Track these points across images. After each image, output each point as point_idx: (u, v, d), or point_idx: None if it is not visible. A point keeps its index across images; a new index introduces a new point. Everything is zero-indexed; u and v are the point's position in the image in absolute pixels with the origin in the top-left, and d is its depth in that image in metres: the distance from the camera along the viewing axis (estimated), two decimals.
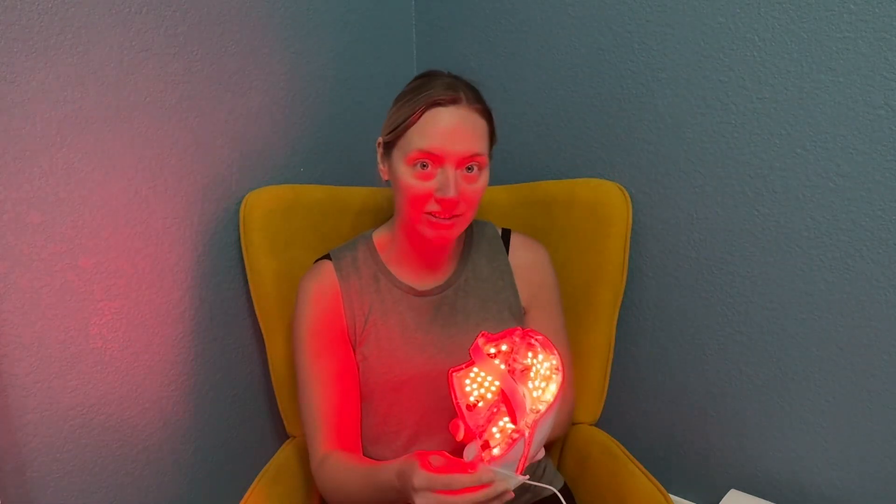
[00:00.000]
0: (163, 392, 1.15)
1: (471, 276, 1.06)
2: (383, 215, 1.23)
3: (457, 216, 0.95)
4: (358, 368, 1.03)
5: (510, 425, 0.78)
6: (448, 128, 0.91)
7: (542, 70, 1.30)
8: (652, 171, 1.21)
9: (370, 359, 1.01)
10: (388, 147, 0.98)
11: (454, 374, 0.82)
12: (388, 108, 1.47)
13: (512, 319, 1.06)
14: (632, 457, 1.12)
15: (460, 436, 0.80)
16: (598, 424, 1.25)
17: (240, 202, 1.19)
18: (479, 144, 0.93)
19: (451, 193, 0.91)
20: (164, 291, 1.12)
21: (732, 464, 1.27)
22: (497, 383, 0.80)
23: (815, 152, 1.05)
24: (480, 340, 0.82)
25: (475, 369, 0.82)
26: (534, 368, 0.80)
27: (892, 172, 1.00)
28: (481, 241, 1.09)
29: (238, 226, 1.19)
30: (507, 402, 0.78)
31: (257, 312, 1.18)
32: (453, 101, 0.92)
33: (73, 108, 0.97)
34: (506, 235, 1.12)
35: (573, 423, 1.22)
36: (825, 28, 1.00)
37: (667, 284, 1.25)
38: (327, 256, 1.08)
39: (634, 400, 1.36)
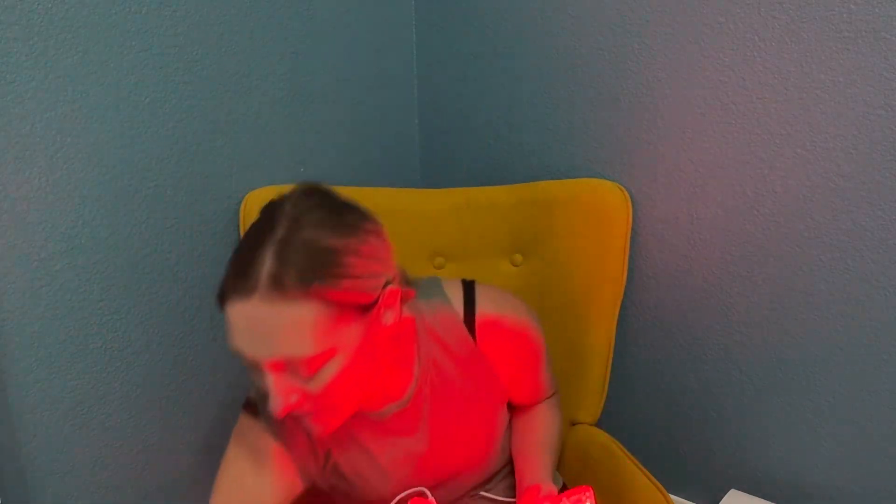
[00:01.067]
0: (163, 392, 1.15)
1: (437, 382, 0.88)
2: (382, 216, 1.23)
3: (312, 413, 0.74)
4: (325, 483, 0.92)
5: None
6: (242, 331, 0.69)
7: (542, 70, 1.30)
8: (652, 171, 1.21)
9: (339, 486, 0.91)
10: None
11: None
12: (388, 108, 1.47)
13: (493, 408, 0.94)
14: (632, 457, 1.12)
15: None
16: (598, 424, 1.25)
17: (240, 202, 1.19)
18: (291, 346, 0.68)
19: (275, 408, 0.71)
20: (164, 291, 1.12)
21: (732, 464, 1.27)
22: None
23: (815, 152, 1.05)
24: None
25: None
26: None
27: (892, 172, 1.00)
28: (438, 332, 0.89)
29: (238, 226, 1.19)
30: None
31: None
32: (246, 293, 0.67)
33: (72, 108, 0.97)
34: (469, 309, 0.89)
35: (573, 424, 1.22)
36: (825, 28, 1.00)
37: (667, 284, 1.25)
38: (249, 406, 0.88)
39: (634, 400, 1.36)
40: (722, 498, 1.22)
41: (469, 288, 0.92)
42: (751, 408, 1.22)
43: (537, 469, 0.95)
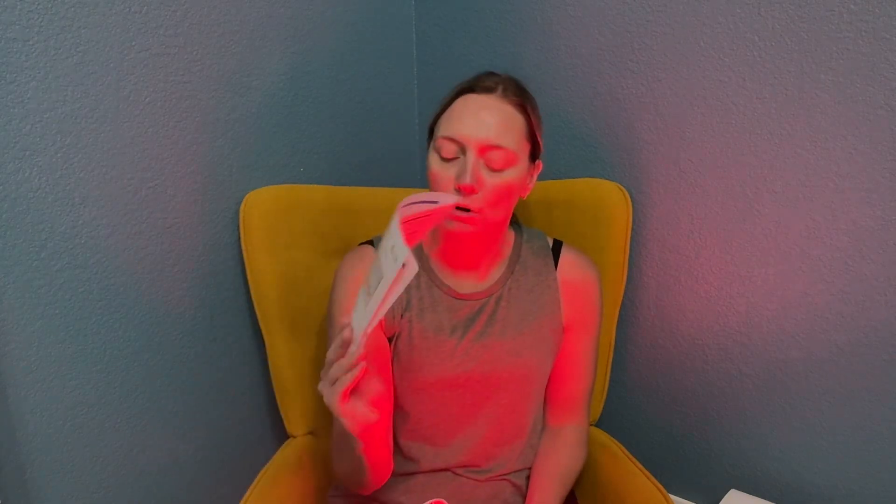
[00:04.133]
0: (163, 392, 1.15)
1: (514, 287, 1.03)
2: (384, 216, 1.23)
3: (476, 212, 0.91)
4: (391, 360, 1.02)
5: None
6: (473, 113, 0.91)
7: (542, 70, 1.30)
8: (652, 171, 1.21)
9: (401, 355, 1.00)
10: (430, 136, 0.98)
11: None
12: (388, 108, 1.48)
13: (551, 336, 1.04)
14: (632, 457, 1.12)
15: None
16: (598, 424, 1.25)
17: (240, 202, 1.19)
18: (503, 135, 0.90)
19: (466, 179, 0.89)
20: (164, 291, 1.12)
21: (732, 464, 1.27)
22: None
23: (815, 152, 1.05)
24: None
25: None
26: None
27: (892, 172, 1.00)
28: (529, 251, 1.06)
29: (238, 226, 1.19)
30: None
31: (257, 312, 1.18)
32: (486, 90, 0.92)
33: (73, 108, 0.97)
34: (557, 248, 1.08)
35: None
36: (825, 28, 1.00)
37: (667, 284, 1.25)
38: (370, 242, 1.05)
39: (634, 400, 1.36)
40: (722, 498, 1.22)
41: (560, 240, 1.10)
42: (751, 408, 1.22)
43: (547, 500, 1.01)
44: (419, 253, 1.03)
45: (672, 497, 1.10)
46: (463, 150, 0.91)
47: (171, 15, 1.05)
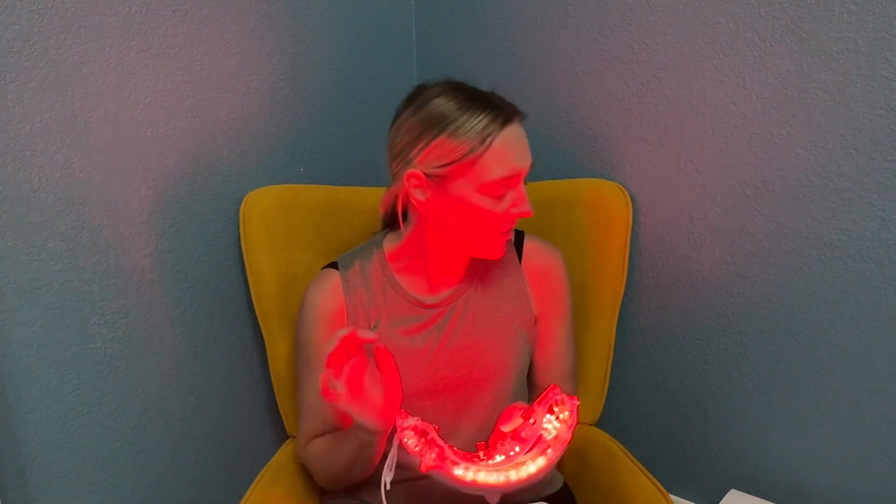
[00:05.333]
0: (163, 392, 1.15)
1: (480, 286, 1.03)
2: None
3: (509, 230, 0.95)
4: None
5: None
6: (518, 144, 0.92)
7: (542, 70, 1.30)
8: (652, 171, 1.21)
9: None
10: (442, 179, 0.90)
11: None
12: (388, 107, 1.47)
13: (523, 330, 1.04)
14: (632, 457, 1.12)
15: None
16: (598, 424, 1.25)
17: (240, 202, 1.19)
18: (531, 157, 0.95)
19: (529, 208, 0.92)
20: (164, 291, 1.12)
21: (732, 464, 1.27)
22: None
23: (815, 152, 1.05)
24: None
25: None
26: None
27: (892, 172, 1.00)
28: None
29: (238, 226, 1.19)
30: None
31: (257, 312, 1.18)
32: (518, 117, 0.92)
33: (73, 108, 0.97)
34: (519, 239, 1.08)
35: None
36: (825, 28, 1.00)
37: (667, 284, 1.25)
38: (335, 264, 1.04)
39: (634, 400, 1.36)
40: (722, 498, 1.22)
41: (521, 231, 1.10)
42: (751, 408, 1.22)
43: None
44: (382, 266, 1.03)
45: (672, 497, 1.09)
46: (516, 178, 0.92)
47: (171, 15, 1.05)
